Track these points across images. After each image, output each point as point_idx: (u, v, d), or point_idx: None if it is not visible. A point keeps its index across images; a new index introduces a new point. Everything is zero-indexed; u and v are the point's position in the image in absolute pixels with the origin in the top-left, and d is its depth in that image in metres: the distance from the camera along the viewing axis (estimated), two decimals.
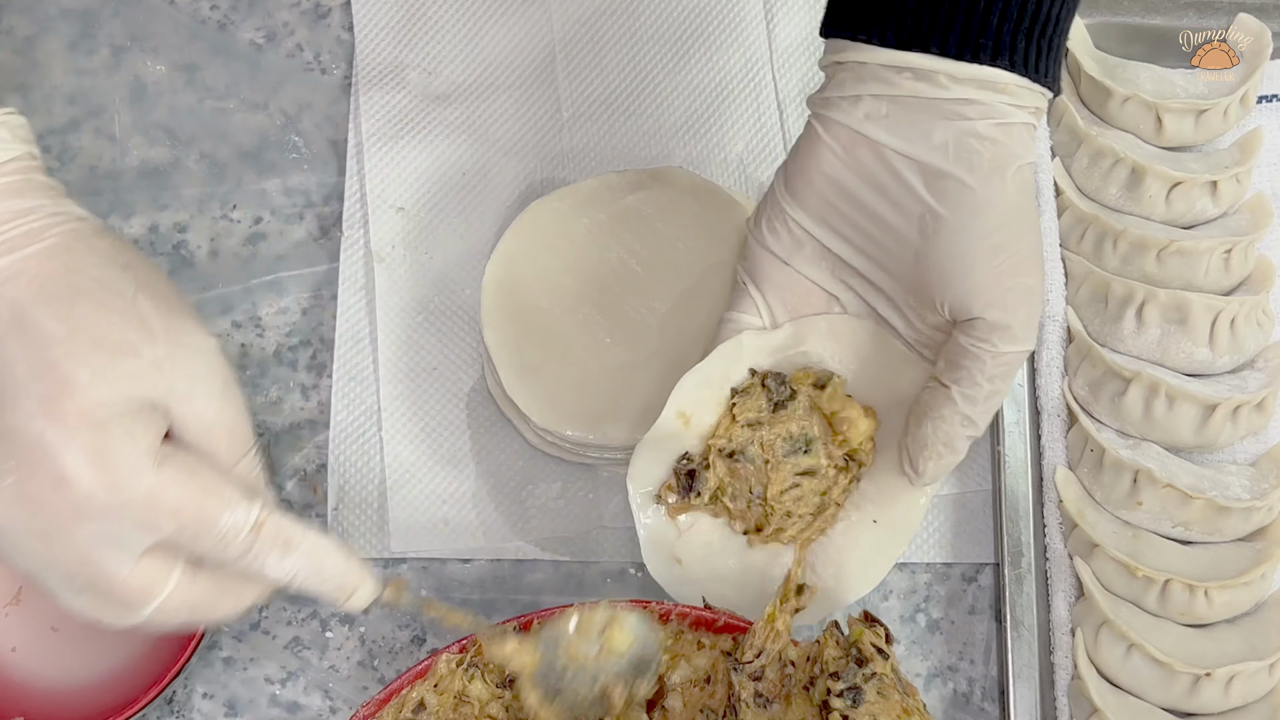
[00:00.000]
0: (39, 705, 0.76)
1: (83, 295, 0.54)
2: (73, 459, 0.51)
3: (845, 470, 0.71)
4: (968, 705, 0.78)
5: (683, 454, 0.72)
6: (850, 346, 0.71)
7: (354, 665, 0.79)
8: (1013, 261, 0.64)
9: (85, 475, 0.51)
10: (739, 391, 0.71)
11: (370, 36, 0.91)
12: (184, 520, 0.53)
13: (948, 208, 0.63)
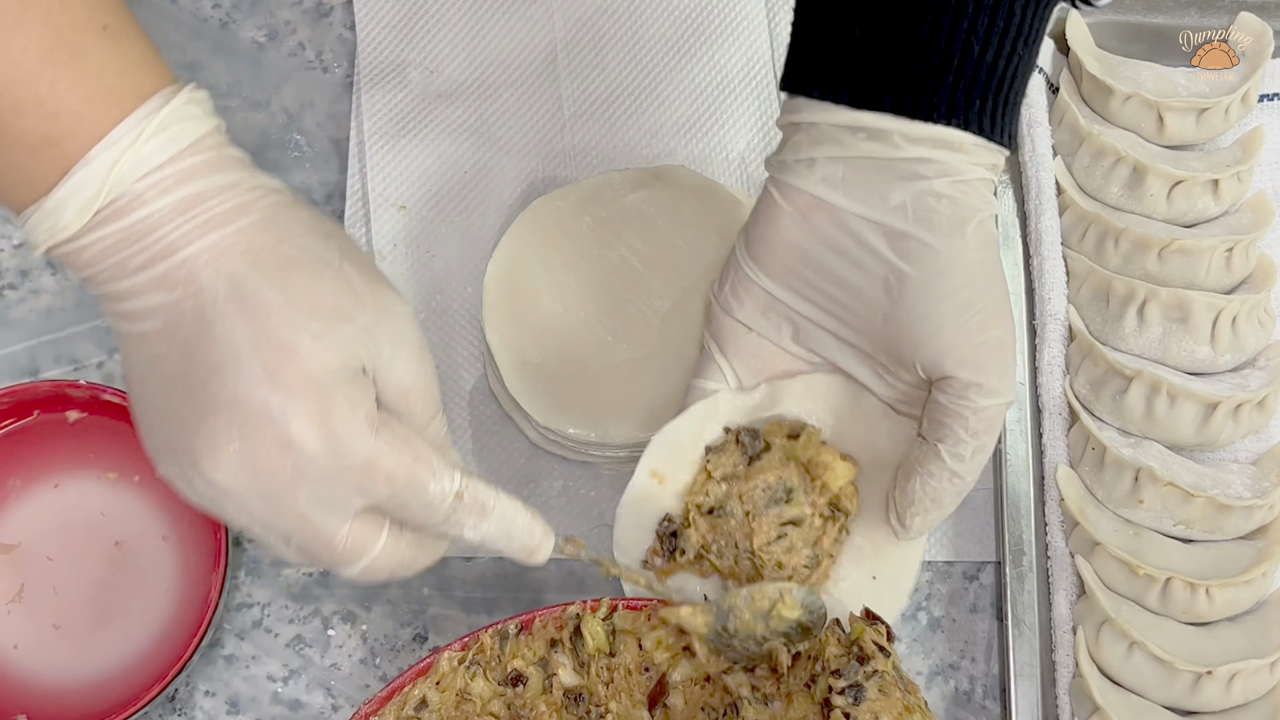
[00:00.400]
0: (41, 703, 0.76)
1: (296, 265, 0.55)
2: (299, 424, 0.53)
3: (832, 520, 0.71)
4: (969, 703, 0.78)
5: (664, 516, 0.72)
6: (826, 404, 0.71)
7: (356, 663, 0.79)
8: (980, 317, 0.64)
9: (310, 439, 0.53)
10: (712, 449, 0.72)
11: (372, 35, 0.91)
12: (397, 486, 0.55)
13: (912, 266, 0.63)
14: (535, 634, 0.71)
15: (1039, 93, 0.85)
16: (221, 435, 0.53)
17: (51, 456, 0.79)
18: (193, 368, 0.54)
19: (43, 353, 0.84)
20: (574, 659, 0.70)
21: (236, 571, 0.80)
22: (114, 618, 0.77)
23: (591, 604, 0.70)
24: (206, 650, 0.78)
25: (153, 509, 0.79)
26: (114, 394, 0.77)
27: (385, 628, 0.79)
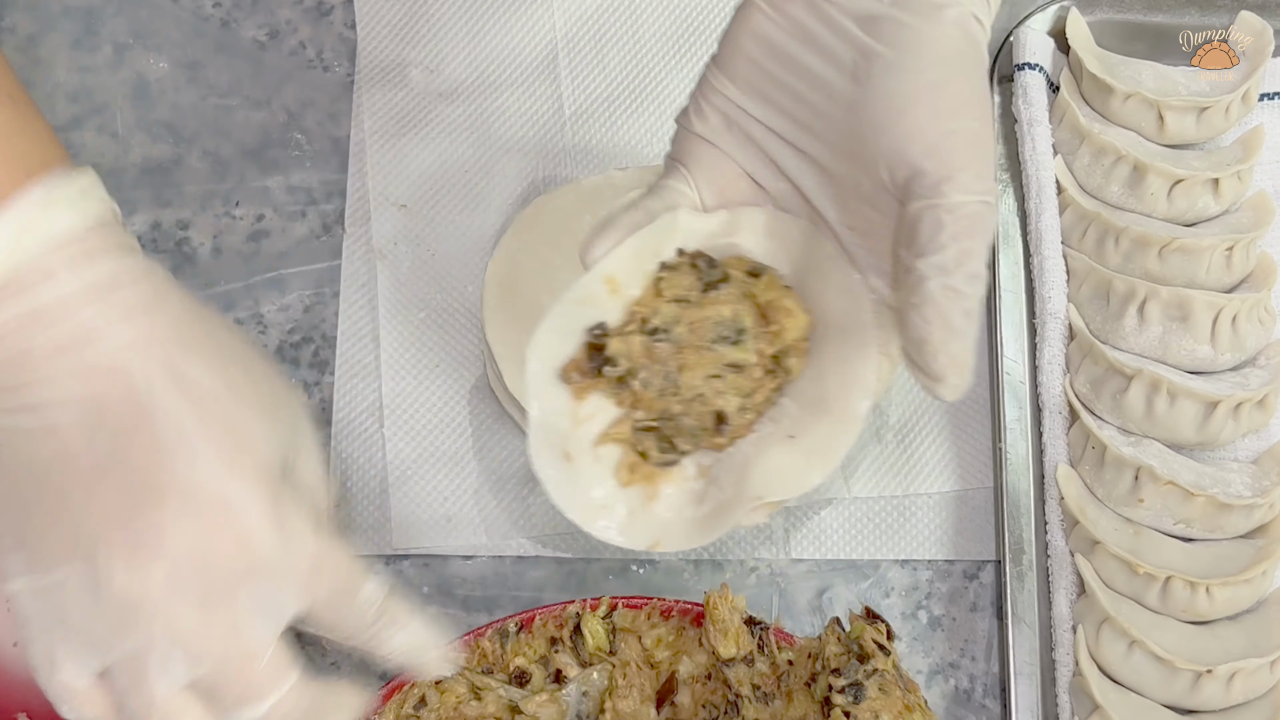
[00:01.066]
0: (41, 700, 0.75)
1: (229, 358, 0.53)
2: (258, 518, 0.51)
3: (772, 375, 0.63)
4: (969, 702, 0.78)
5: (598, 324, 0.64)
6: (783, 246, 0.64)
7: (355, 663, 0.79)
8: (952, 103, 0.57)
9: (267, 534, 0.51)
10: (667, 266, 0.64)
11: (373, 34, 0.91)
12: (336, 587, 0.53)
13: (883, 44, 0.57)
14: (535, 632, 0.71)
15: (1039, 91, 0.85)
16: (169, 526, 0.50)
17: None
18: (128, 458, 0.50)
19: None
20: (575, 657, 0.70)
21: None
22: None
23: (591, 603, 0.71)
24: None
25: None
26: None
27: None
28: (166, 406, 0.50)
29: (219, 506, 0.50)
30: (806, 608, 0.80)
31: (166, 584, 0.50)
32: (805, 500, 0.80)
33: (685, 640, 0.70)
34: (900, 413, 0.83)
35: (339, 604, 0.54)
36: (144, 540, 0.50)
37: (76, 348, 0.50)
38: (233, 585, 0.50)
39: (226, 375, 0.52)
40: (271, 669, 0.52)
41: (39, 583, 0.51)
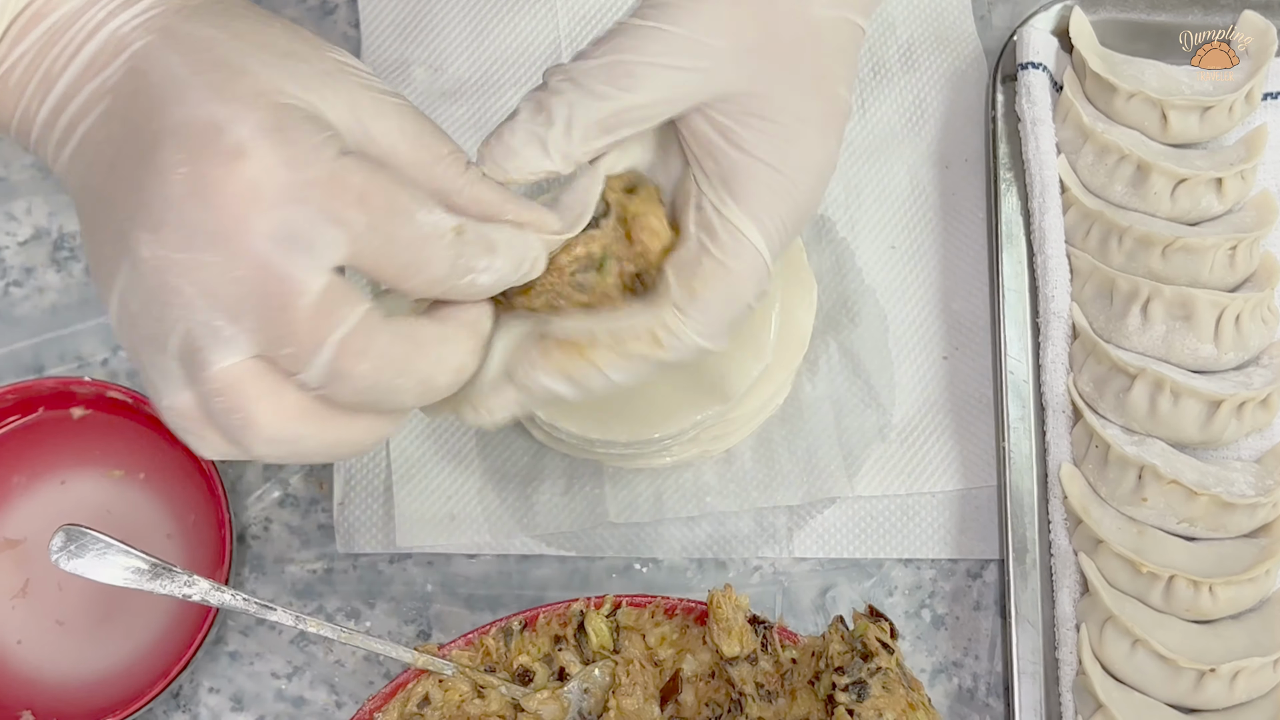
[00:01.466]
0: (45, 699, 0.76)
1: (238, 15, 0.50)
2: (249, 130, 0.46)
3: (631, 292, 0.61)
4: (972, 701, 0.78)
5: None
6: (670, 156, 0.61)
7: (359, 660, 0.79)
8: None
9: (262, 147, 0.46)
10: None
11: (376, 33, 0.91)
12: (375, 210, 0.47)
13: None
14: (539, 631, 0.71)
15: (1043, 91, 0.85)
16: (166, 164, 0.47)
17: (57, 453, 0.79)
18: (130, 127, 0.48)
19: (47, 350, 0.84)
20: (579, 655, 0.70)
21: (241, 568, 0.80)
22: (118, 614, 0.77)
23: (595, 601, 0.71)
24: (210, 647, 0.79)
25: (158, 507, 0.79)
26: (119, 391, 0.77)
27: (389, 624, 0.79)
28: (159, 60, 0.49)
29: (209, 132, 0.46)
30: (810, 607, 0.80)
31: (179, 236, 0.47)
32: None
33: (689, 638, 0.70)
34: (904, 412, 0.83)
35: (390, 234, 0.48)
36: (150, 200, 0.47)
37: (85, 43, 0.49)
38: (242, 216, 0.46)
39: (230, 27, 0.50)
40: (324, 307, 0.47)
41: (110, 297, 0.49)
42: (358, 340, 0.48)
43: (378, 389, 0.50)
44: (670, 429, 0.75)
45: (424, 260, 0.49)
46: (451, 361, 0.52)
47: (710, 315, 0.57)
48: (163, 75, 0.48)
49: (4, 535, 0.78)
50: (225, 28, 0.49)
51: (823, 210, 0.86)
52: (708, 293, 0.56)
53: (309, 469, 0.82)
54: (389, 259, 0.48)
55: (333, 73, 0.50)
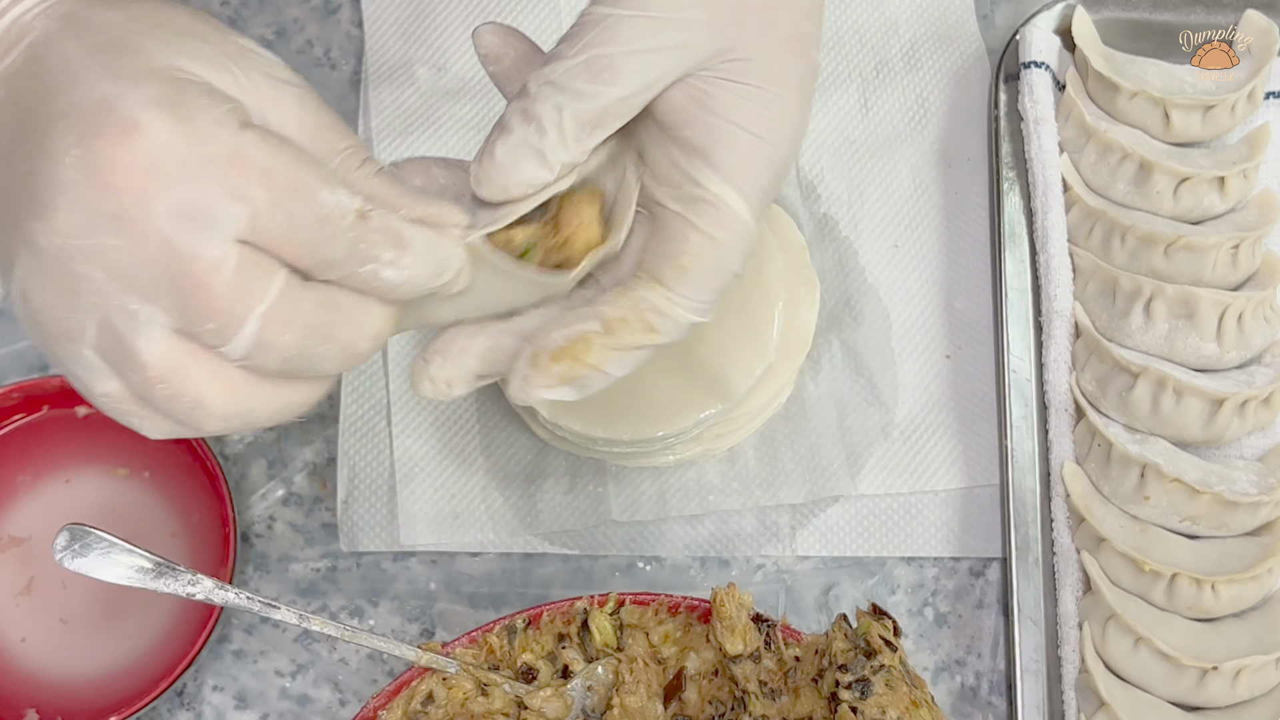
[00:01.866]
0: (49, 697, 0.76)
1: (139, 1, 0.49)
2: (143, 106, 0.45)
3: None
4: (975, 699, 0.78)
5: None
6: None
7: (363, 658, 0.79)
8: None
9: (158, 122, 0.45)
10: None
11: (380, 32, 0.91)
12: (277, 186, 0.46)
13: None
14: (543, 629, 0.71)
15: (1045, 90, 0.85)
16: (58, 148, 0.45)
17: (62, 451, 0.79)
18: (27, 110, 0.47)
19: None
20: (582, 653, 0.70)
21: (244, 567, 0.80)
22: (122, 613, 0.77)
23: (599, 599, 0.71)
24: (214, 645, 0.79)
25: (162, 505, 0.79)
26: None
27: (393, 622, 0.79)
28: (56, 45, 0.47)
29: (101, 110, 0.45)
30: (813, 605, 0.80)
31: (78, 222, 0.45)
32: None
33: (692, 636, 0.71)
34: (906, 411, 0.83)
35: (291, 211, 0.46)
36: (43, 186, 0.45)
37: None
38: (141, 195, 0.45)
39: (129, 9, 0.48)
40: (242, 281, 0.46)
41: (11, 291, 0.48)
42: (281, 311, 0.47)
43: (301, 357, 0.49)
44: (673, 428, 0.75)
45: (323, 239, 0.48)
46: (371, 328, 0.51)
47: (701, 289, 0.57)
48: (57, 59, 0.47)
49: (9, 533, 0.78)
50: (124, 10, 0.48)
51: (825, 209, 0.87)
52: (697, 267, 0.56)
53: (312, 468, 0.82)
54: (289, 236, 0.47)
55: (234, 54, 0.49)
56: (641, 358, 0.58)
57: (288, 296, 0.47)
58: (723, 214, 0.56)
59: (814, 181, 0.87)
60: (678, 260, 0.56)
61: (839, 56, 0.90)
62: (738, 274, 0.58)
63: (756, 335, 0.76)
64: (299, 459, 0.83)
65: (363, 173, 0.51)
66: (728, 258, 0.57)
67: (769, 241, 0.78)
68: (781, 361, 0.78)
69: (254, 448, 0.83)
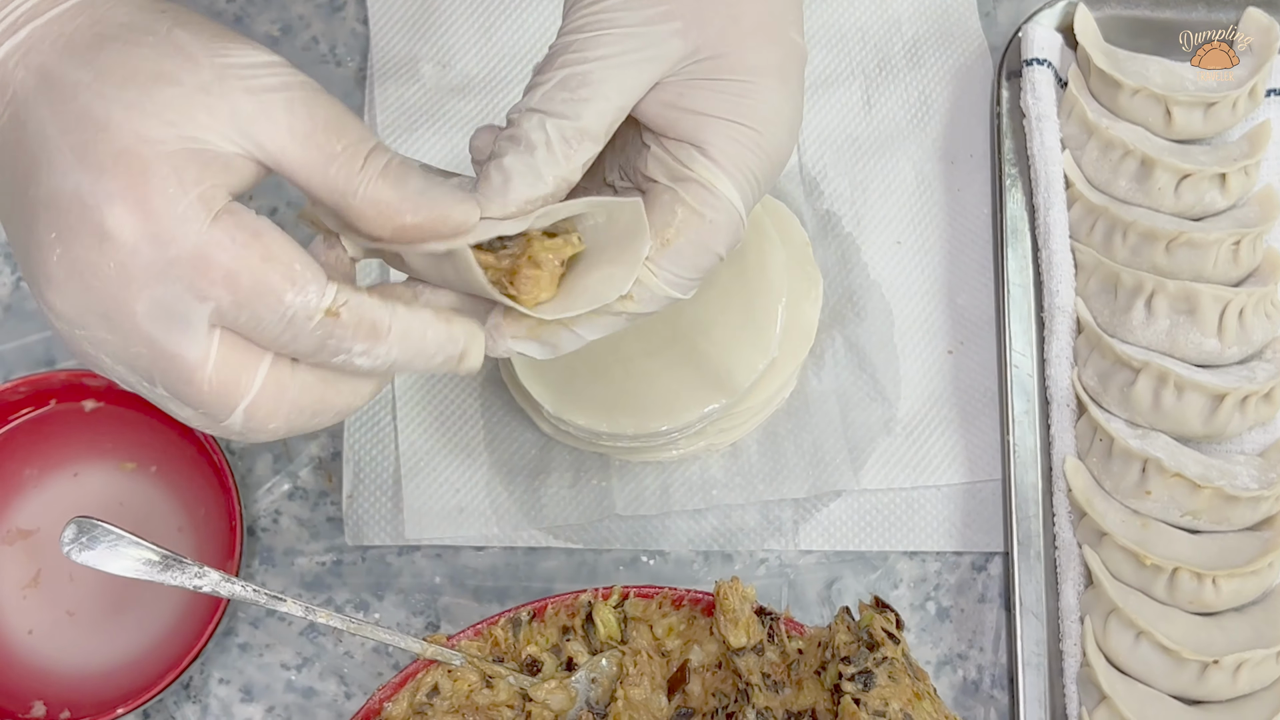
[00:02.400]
0: (57, 689, 0.76)
1: (109, 41, 0.48)
2: (111, 207, 0.45)
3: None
4: (977, 692, 0.79)
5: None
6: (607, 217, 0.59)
7: (368, 651, 0.79)
8: None
9: (125, 225, 0.45)
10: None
11: (385, 29, 0.91)
12: (240, 290, 0.47)
13: None
14: (547, 621, 0.71)
15: (1047, 87, 0.86)
16: (45, 244, 0.46)
17: (69, 445, 0.80)
18: (15, 181, 0.48)
19: (58, 343, 0.84)
20: (586, 645, 0.70)
21: (251, 560, 0.81)
22: (128, 605, 0.78)
23: (603, 592, 0.71)
24: (221, 638, 0.79)
25: (169, 499, 0.79)
26: None
27: (398, 616, 0.80)
28: (33, 113, 0.47)
29: (75, 208, 0.46)
30: (816, 599, 0.80)
31: (70, 310, 0.47)
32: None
33: (696, 629, 0.71)
34: (909, 406, 0.83)
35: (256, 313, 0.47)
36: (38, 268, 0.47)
37: None
38: (118, 294, 0.46)
39: (96, 62, 0.47)
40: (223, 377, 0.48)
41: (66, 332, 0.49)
42: (265, 404, 0.49)
43: (293, 430, 0.51)
44: (677, 422, 0.75)
45: (288, 338, 0.49)
46: (363, 392, 0.53)
47: (681, 265, 0.57)
48: (34, 133, 0.47)
49: (17, 526, 0.79)
50: (92, 64, 0.47)
51: (828, 205, 0.87)
52: (680, 242, 0.56)
53: (318, 462, 0.83)
54: (258, 333, 0.48)
55: (209, 86, 0.48)
56: (615, 324, 0.58)
57: (272, 386, 0.49)
58: (712, 195, 0.56)
59: (817, 178, 0.88)
60: (663, 232, 0.56)
61: (842, 54, 0.91)
62: (721, 257, 0.58)
63: (760, 330, 0.76)
64: (305, 453, 0.83)
65: (364, 175, 0.50)
66: (713, 237, 0.57)
67: (772, 237, 0.78)
68: (784, 357, 0.79)
69: (260, 443, 0.83)
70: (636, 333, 0.77)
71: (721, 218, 0.57)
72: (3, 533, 0.79)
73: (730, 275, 0.77)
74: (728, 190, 0.56)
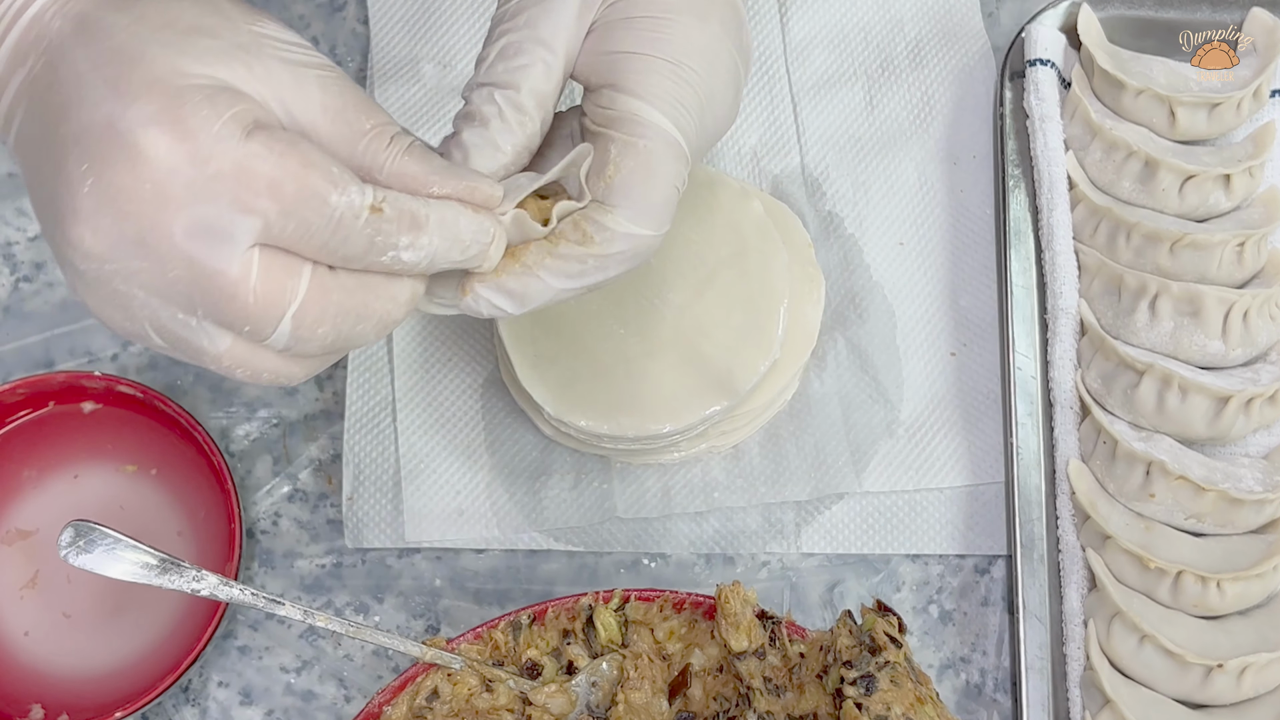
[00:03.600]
0: (55, 692, 0.76)
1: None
2: (145, 130, 0.45)
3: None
4: (980, 696, 0.78)
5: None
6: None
7: (368, 654, 0.79)
8: None
9: (161, 145, 0.45)
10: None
11: (385, 30, 0.91)
12: (285, 198, 0.47)
13: None
14: (548, 625, 0.71)
15: (1051, 87, 0.85)
16: (75, 178, 0.46)
17: (68, 447, 0.79)
18: (45, 124, 0.48)
19: (57, 345, 0.84)
20: (587, 649, 0.70)
21: (250, 563, 0.81)
22: (127, 608, 0.78)
23: (604, 595, 0.71)
24: (220, 641, 0.79)
25: (169, 502, 0.79)
26: (129, 385, 0.77)
27: (397, 619, 0.80)
28: (67, 55, 0.47)
29: (107, 135, 0.46)
30: (818, 602, 0.80)
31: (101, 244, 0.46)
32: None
33: (697, 633, 0.71)
34: (911, 408, 0.83)
35: (304, 219, 0.47)
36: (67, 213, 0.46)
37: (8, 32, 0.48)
38: (156, 216, 0.46)
39: (134, 9, 0.48)
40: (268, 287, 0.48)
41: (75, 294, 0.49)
42: (313, 306, 0.49)
43: (339, 339, 0.51)
44: (679, 424, 0.75)
45: (338, 241, 0.49)
46: (402, 298, 0.53)
47: (631, 197, 0.57)
48: (68, 73, 0.47)
49: (16, 527, 0.79)
50: (132, 11, 0.48)
51: (831, 206, 0.87)
52: (622, 174, 0.57)
53: (317, 464, 0.82)
54: (305, 240, 0.48)
55: (248, 46, 0.49)
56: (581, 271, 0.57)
57: (316, 291, 0.49)
58: (639, 124, 0.57)
59: (819, 179, 0.87)
60: (604, 171, 0.57)
61: (845, 54, 0.91)
62: (674, 186, 0.58)
63: (761, 332, 0.76)
64: (304, 455, 0.83)
65: (392, 151, 0.51)
66: (653, 163, 0.57)
67: (774, 238, 0.78)
68: (786, 358, 0.79)
69: (259, 444, 0.83)
70: (638, 334, 0.77)
71: (656, 144, 0.57)
72: (1, 533, 0.78)
73: (732, 277, 0.77)
74: (655, 117, 0.57)
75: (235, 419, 0.83)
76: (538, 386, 0.77)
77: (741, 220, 0.79)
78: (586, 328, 0.77)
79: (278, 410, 0.83)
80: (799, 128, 0.89)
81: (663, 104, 0.58)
